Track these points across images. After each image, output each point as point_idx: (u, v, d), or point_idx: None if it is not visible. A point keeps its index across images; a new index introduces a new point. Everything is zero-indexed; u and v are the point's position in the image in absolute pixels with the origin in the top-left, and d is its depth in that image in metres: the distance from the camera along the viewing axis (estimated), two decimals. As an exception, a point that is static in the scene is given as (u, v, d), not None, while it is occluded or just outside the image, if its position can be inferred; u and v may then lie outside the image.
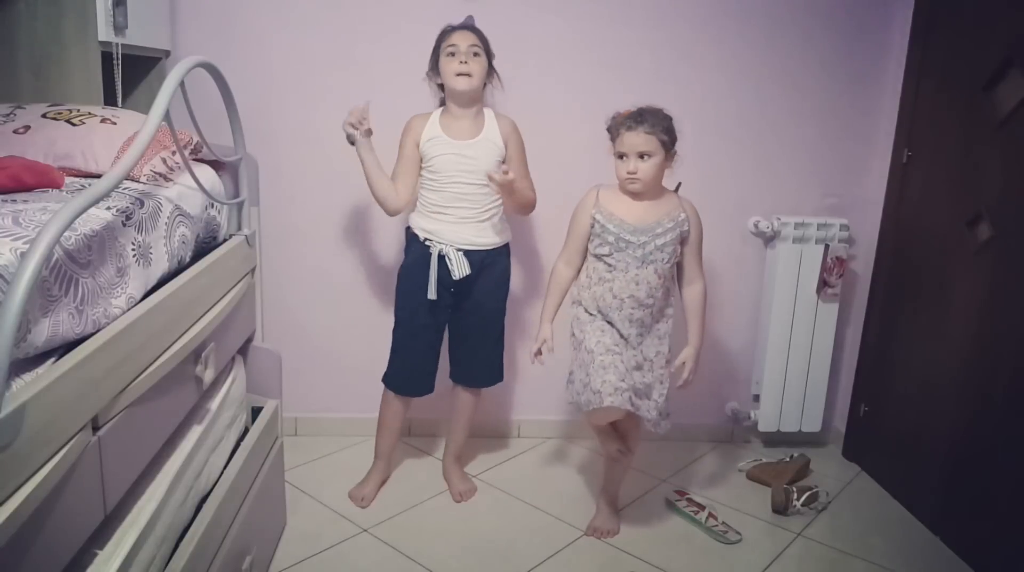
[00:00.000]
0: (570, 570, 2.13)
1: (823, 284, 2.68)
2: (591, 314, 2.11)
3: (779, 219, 2.68)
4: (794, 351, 2.75)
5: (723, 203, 2.73)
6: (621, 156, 2.02)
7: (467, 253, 2.22)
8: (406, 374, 2.37)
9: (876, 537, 2.33)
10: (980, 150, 2.23)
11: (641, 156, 1.99)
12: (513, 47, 2.56)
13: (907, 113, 2.57)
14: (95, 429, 1.14)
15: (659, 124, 1.99)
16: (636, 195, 2.05)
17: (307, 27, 2.53)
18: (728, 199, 2.73)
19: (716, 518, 2.35)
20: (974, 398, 2.21)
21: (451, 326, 2.37)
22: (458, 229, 2.23)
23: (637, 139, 1.98)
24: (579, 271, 2.16)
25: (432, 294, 2.22)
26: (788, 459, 2.69)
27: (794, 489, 2.46)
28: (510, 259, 2.37)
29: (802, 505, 2.43)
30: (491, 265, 2.29)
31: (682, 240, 2.08)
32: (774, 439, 2.90)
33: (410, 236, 2.31)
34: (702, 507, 2.39)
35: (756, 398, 2.84)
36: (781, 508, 2.42)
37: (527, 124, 2.57)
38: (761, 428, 2.83)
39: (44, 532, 1.00)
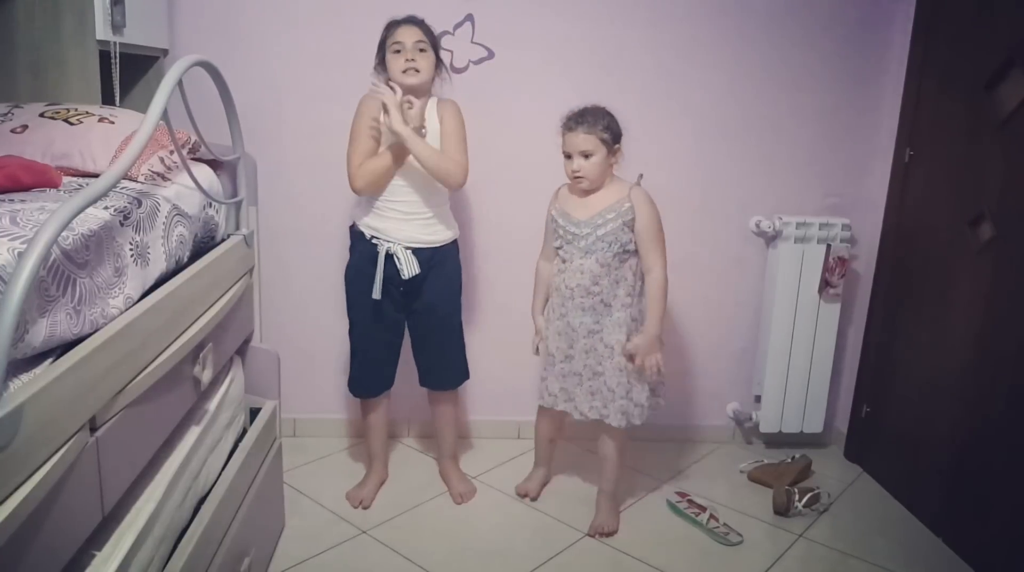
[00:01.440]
0: (570, 571, 2.13)
1: (825, 284, 2.68)
2: (551, 310, 2.27)
3: (781, 219, 2.67)
4: (796, 352, 2.74)
5: (725, 203, 2.73)
6: (568, 156, 2.14)
7: (415, 251, 2.21)
8: (366, 376, 2.36)
9: (878, 538, 2.33)
10: (982, 150, 2.22)
11: (585, 155, 2.10)
12: (513, 47, 2.56)
13: (909, 113, 2.56)
14: (93, 429, 1.14)
15: (598, 123, 2.09)
16: (584, 191, 2.16)
17: (306, 26, 2.52)
18: (730, 199, 2.73)
19: (717, 519, 2.34)
20: (976, 399, 2.20)
21: (411, 331, 2.36)
22: (404, 226, 2.21)
23: (577, 139, 2.10)
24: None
25: (377, 294, 2.20)
26: (790, 460, 2.69)
27: (796, 490, 2.45)
28: (459, 255, 2.35)
29: (804, 506, 2.43)
30: (440, 263, 2.27)
31: (632, 229, 2.14)
32: (776, 440, 2.90)
33: (355, 234, 2.29)
34: (703, 508, 2.38)
35: (757, 399, 2.84)
36: (782, 509, 2.42)
37: (527, 124, 2.57)
38: (762, 429, 2.82)
39: (42, 533, 1.00)
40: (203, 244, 1.75)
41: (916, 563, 2.21)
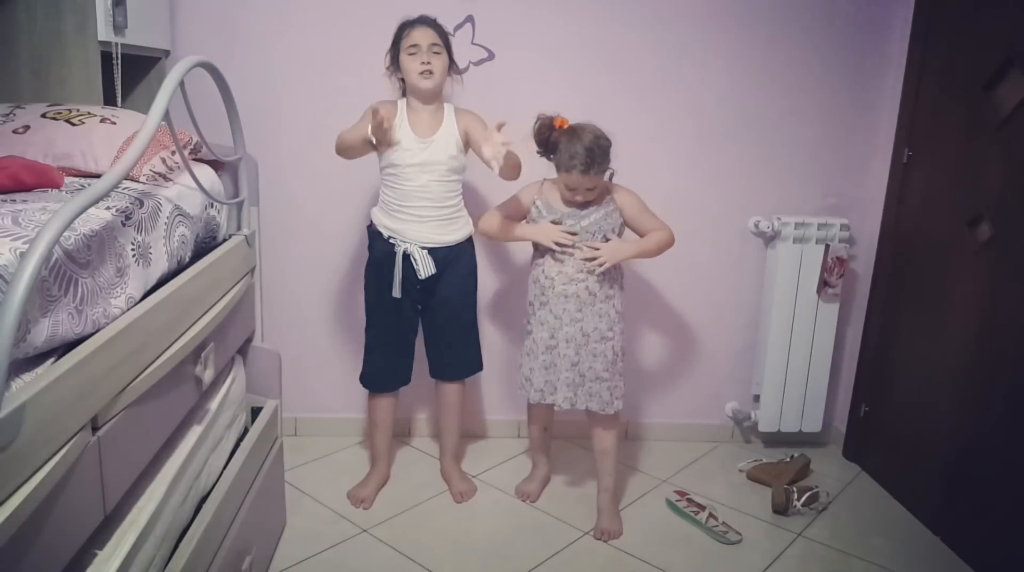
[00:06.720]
0: (570, 570, 2.13)
1: (823, 284, 2.68)
2: (531, 303, 2.28)
3: (779, 219, 2.67)
4: (794, 351, 2.74)
5: (724, 203, 2.73)
6: (572, 188, 2.14)
7: (431, 251, 2.23)
8: (382, 371, 2.37)
9: (876, 537, 2.33)
10: (981, 150, 2.23)
11: (591, 189, 2.14)
12: (513, 48, 2.56)
13: (908, 113, 2.57)
14: (95, 429, 1.14)
15: (605, 160, 2.10)
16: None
17: (307, 27, 2.53)
18: (729, 199, 2.73)
19: (716, 518, 2.34)
20: (975, 398, 2.21)
21: (424, 322, 2.38)
22: (420, 228, 2.22)
23: (588, 180, 2.10)
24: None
25: (397, 293, 2.23)
26: (788, 459, 2.69)
27: (794, 489, 2.46)
28: (474, 251, 2.37)
29: (802, 505, 2.43)
30: (455, 260, 2.29)
31: (623, 221, 2.22)
32: (774, 439, 2.90)
33: (373, 233, 2.30)
34: (702, 507, 2.39)
35: (756, 398, 2.84)
36: (781, 508, 2.42)
37: (527, 125, 2.57)
38: (761, 428, 2.83)
39: (44, 532, 1.00)
40: (205, 244, 1.76)
41: (915, 562, 2.22)
